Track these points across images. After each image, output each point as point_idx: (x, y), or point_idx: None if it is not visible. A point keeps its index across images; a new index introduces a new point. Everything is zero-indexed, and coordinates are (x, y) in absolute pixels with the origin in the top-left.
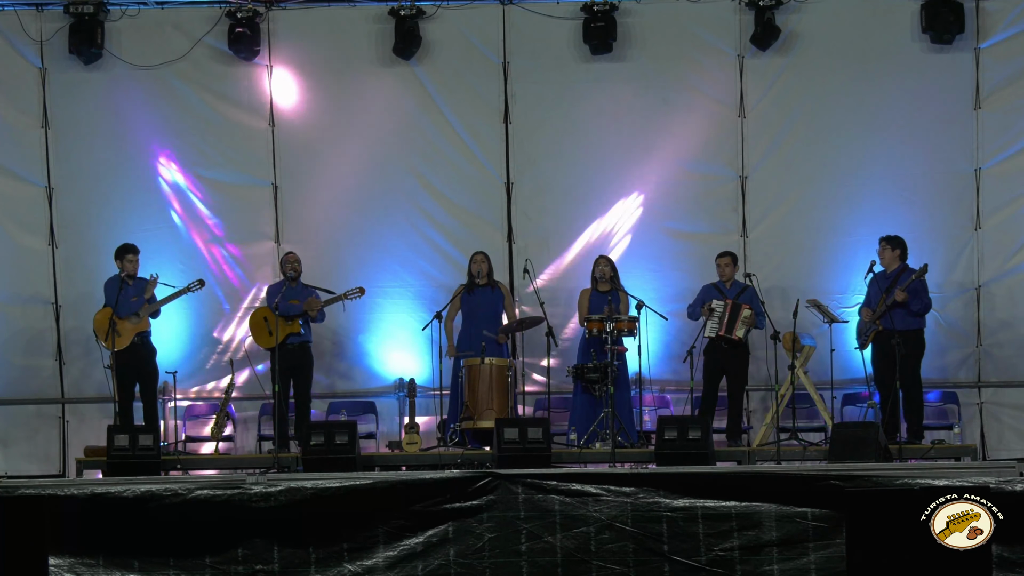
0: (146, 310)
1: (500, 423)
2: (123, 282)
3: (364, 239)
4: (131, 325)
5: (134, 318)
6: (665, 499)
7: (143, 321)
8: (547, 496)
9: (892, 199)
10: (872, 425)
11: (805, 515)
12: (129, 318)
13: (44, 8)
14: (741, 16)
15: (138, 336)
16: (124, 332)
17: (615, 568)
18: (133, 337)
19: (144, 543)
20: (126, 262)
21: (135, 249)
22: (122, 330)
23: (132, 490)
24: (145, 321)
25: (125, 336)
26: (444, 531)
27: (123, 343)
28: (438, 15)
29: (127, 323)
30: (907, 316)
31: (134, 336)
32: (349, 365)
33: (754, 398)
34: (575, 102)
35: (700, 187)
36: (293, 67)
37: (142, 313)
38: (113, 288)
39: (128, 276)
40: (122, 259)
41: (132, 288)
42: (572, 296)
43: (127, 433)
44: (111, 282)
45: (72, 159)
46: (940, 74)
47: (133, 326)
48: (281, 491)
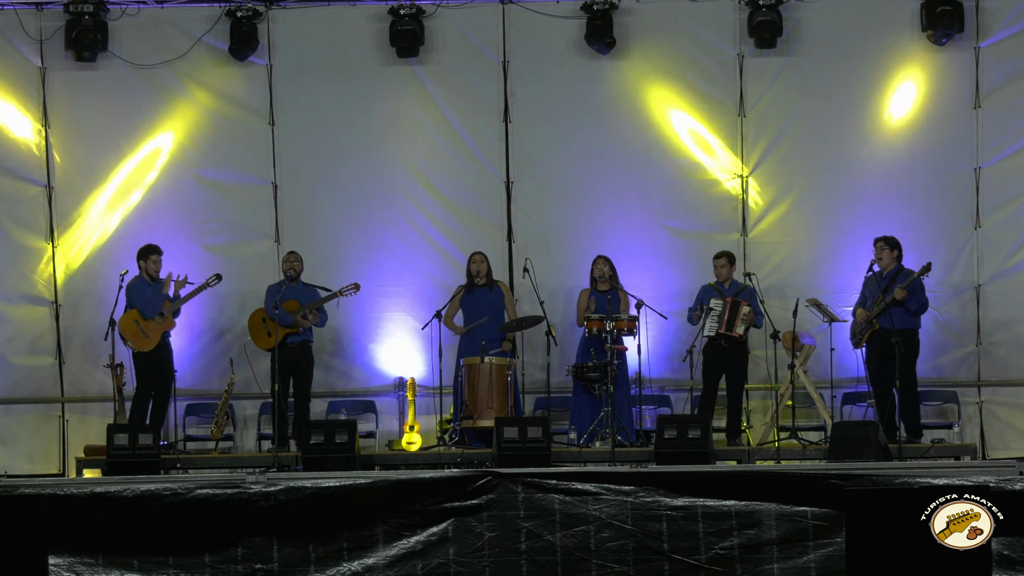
0: (168, 308)
1: (500, 422)
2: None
3: (364, 239)
4: (157, 325)
5: (159, 318)
6: (665, 498)
7: (168, 320)
8: (547, 495)
9: (892, 198)
10: (872, 424)
11: (805, 514)
12: (155, 319)
13: (44, 7)
14: (740, 15)
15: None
16: (151, 332)
17: (615, 567)
18: (160, 337)
19: (144, 542)
20: (150, 262)
21: (159, 250)
22: (149, 331)
23: (132, 489)
24: (170, 320)
25: (153, 337)
26: (444, 530)
27: (151, 344)
28: (438, 14)
29: (152, 323)
30: (904, 315)
31: (160, 336)
32: (349, 364)
33: (754, 397)
34: (575, 101)
35: (700, 187)
36: (293, 66)
37: (166, 312)
38: (139, 290)
39: (149, 276)
40: (146, 259)
41: (153, 288)
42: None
43: (127, 432)
44: (136, 284)
45: (72, 158)
46: (940, 73)
47: (159, 325)
48: (281, 490)
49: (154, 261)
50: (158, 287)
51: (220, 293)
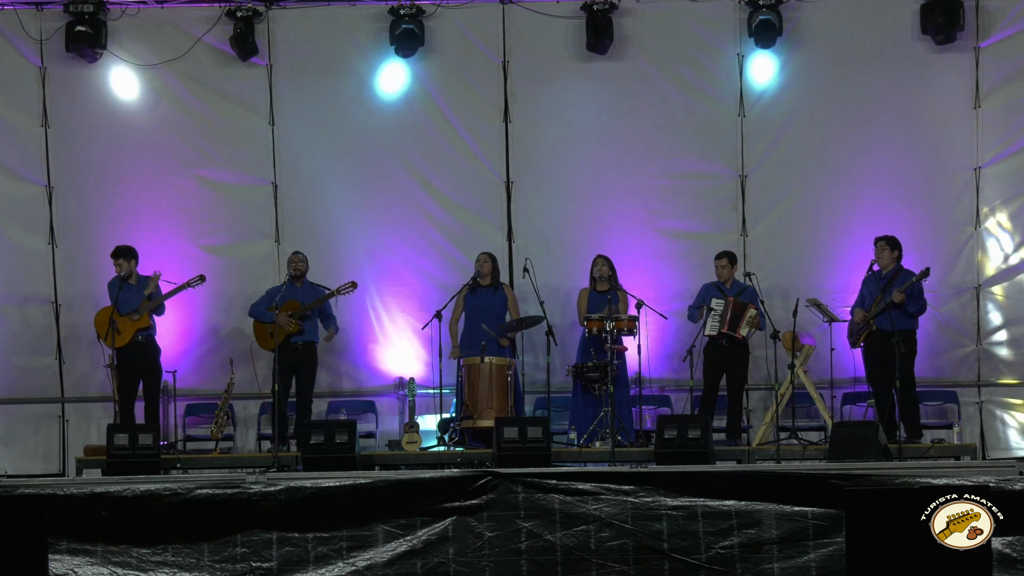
0: (146, 306)
1: (500, 422)
2: (123, 282)
3: (364, 239)
4: (131, 322)
5: (134, 315)
6: (665, 498)
7: (143, 318)
8: (547, 495)
9: (892, 198)
10: (872, 424)
11: (805, 514)
12: (129, 315)
13: (44, 7)
14: (740, 15)
15: (140, 334)
16: (125, 329)
17: (615, 566)
18: (134, 334)
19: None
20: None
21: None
22: (123, 327)
23: (132, 489)
24: (146, 318)
25: (126, 333)
26: (444, 530)
27: (123, 340)
28: (438, 14)
29: (127, 320)
30: (902, 317)
31: (135, 333)
32: (349, 364)
33: (754, 397)
34: (575, 101)
35: (700, 187)
36: (293, 66)
37: (141, 309)
38: (113, 288)
39: (126, 275)
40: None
41: (135, 287)
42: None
43: (127, 432)
44: (112, 283)
45: (72, 158)
46: (940, 73)
47: (133, 323)
48: (281, 490)
49: (120, 265)
50: (140, 285)
51: (220, 293)
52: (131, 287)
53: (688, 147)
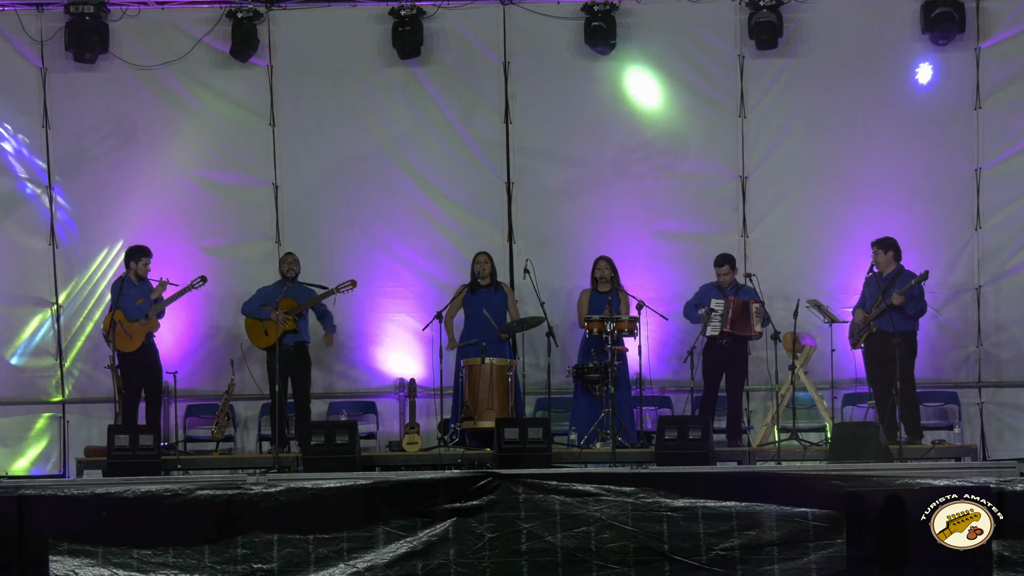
0: (154, 310)
1: (500, 423)
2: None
3: (364, 239)
4: (140, 326)
5: (144, 320)
6: (665, 499)
7: (152, 322)
8: (547, 496)
9: (892, 199)
10: (872, 425)
11: (805, 515)
12: (139, 320)
13: (44, 8)
14: (741, 16)
15: (146, 337)
16: (135, 334)
17: (615, 567)
18: (143, 338)
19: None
20: (140, 264)
21: (149, 252)
22: (133, 332)
23: (132, 490)
24: (154, 321)
25: (136, 338)
26: (444, 531)
27: (134, 345)
28: (438, 15)
29: (137, 325)
30: (903, 319)
31: (144, 337)
32: (349, 365)
33: (754, 398)
34: (575, 102)
35: (700, 187)
36: (293, 67)
37: (151, 314)
38: (125, 291)
39: (137, 278)
40: (137, 261)
41: (138, 290)
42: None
43: (127, 433)
44: (115, 284)
45: (72, 159)
46: (940, 74)
47: (143, 327)
48: (281, 491)
49: (144, 264)
50: (144, 288)
51: (221, 294)
52: (134, 288)
53: (689, 148)
